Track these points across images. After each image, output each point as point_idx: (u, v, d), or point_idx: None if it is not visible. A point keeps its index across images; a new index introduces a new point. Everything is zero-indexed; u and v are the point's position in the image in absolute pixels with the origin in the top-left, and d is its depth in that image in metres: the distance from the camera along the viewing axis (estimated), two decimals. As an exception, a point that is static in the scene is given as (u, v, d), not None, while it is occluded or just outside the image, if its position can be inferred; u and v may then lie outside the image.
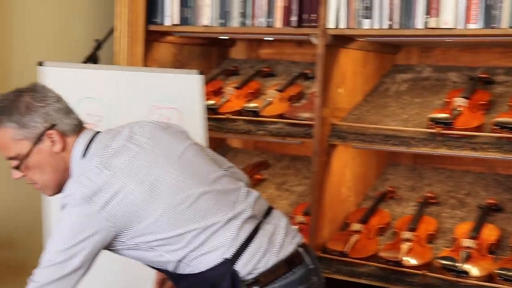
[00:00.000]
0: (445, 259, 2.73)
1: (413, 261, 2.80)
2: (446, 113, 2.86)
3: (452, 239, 2.89)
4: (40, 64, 2.67)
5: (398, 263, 2.80)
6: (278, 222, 2.01)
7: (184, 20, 3.33)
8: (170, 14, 3.36)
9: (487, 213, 2.98)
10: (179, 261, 1.89)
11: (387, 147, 2.96)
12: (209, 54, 3.78)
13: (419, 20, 2.79)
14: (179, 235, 1.86)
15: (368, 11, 2.90)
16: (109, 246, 1.87)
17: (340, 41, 3.04)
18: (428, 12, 2.78)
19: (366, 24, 2.90)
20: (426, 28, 2.78)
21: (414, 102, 3.14)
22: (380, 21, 2.88)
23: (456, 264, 2.69)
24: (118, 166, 1.85)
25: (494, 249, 2.79)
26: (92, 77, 2.77)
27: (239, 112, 3.29)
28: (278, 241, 1.95)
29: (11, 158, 1.92)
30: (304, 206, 3.22)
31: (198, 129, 2.90)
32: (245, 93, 3.41)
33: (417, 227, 2.95)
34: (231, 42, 3.83)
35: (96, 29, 3.47)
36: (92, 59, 3.10)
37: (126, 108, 2.78)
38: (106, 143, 1.92)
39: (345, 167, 3.20)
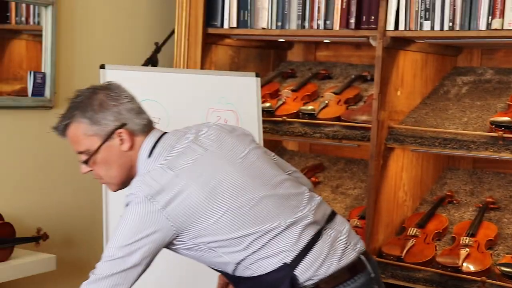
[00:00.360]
0: (506, 266, 2.68)
1: (472, 268, 2.75)
2: (508, 117, 2.82)
3: (513, 246, 2.85)
4: (102, 67, 2.70)
5: (456, 269, 2.77)
6: (340, 228, 1.99)
7: (242, 23, 3.35)
8: (229, 17, 3.37)
9: (550, 219, 2.92)
10: (238, 263, 1.89)
11: (447, 151, 2.93)
12: (266, 57, 3.80)
13: (482, 22, 2.75)
14: (239, 237, 1.86)
15: (428, 13, 2.87)
16: (169, 245, 1.89)
17: (399, 43, 3.02)
18: (492, 13, 2.73)
19: (426, 26, 2.88)
20: (490, 29, 2.74)
21: (475, 105, 3.10)
22: (441, 22, 2.85)
23: (517, 272, 2.64)
24: (182, 167, 1.88)
25: (557, 256, 2.73)
26: (151, 80, 2.80)
27: (295, 115, 3.29)
28: (340, 248, 1.93)
29: (80, 153, 1.97)
30: (360, 209, 3.21)
31: (254, 131, 2.90)
32: (301, 95, 3.41)
33: (477, 233, 2.91)
34: (289, 44, 3.83)
35: (156, 32, 3.52)
36: (151, 61, 3.15)
37: (184, 110, 2.80)
38: (171, 144, 1.94)
39: (402, 171, 3.18)
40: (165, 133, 2.01)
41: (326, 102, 3.29)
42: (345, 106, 3.26)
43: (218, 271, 2.02)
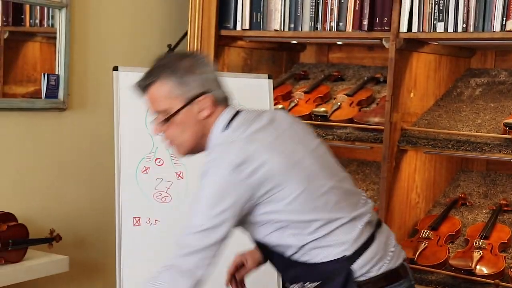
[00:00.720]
0: (520, 269, 2.67)
1: (485, 270, 2.74)
2: (522, 119, 2.82)
3: (528, 249, 2.83)
4: (115, 68, 2.71)
5: (470, 272, 2.76)
6: (388, 235, 2.04)
7: (255, 25, 3.35)
8: (241, 19, 3.38)
9: None
10: (301, 247, 1.92)
11: (460, 153, 2.92)
12: (279, 59, 3.80)
13: (497, 23, 2.74)
14: (308, 221, 1.89)
15: (442, 14, 2.87)
16: (243, 219, 1.90)
17: (412, 44, 3.02)
18: (506, 15, 2.72)
19: (440, 27, 2.87)
20: (504, 31, 2.73)
21: (489, 107, 3.09)
22: (454, 24, 2.85)
23: (532, 275, 2.62)
24: (264, 141, 1.90)
25: None
26: None
27: (308, 117, 3.29)
28: (390, 252, 1.99)
29: (158, 112, 1.97)
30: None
31: (267, 132, 2.90)
32: (314, 97, 3.41)
33: (490, 235, 2.90)
34: (301, 46, 3.83)
35: (169, 34, 3.54)
36: None
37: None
38: (250, 120, 1.96)
39: (415, 173, 3.17)
40: (240, 110, 2.01)
41: (339, 104, 3.29)
42: (357, 108, 3.26)
43: (273, 254, 2.01)
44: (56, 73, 3.07)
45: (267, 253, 2.05)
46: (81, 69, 3.20)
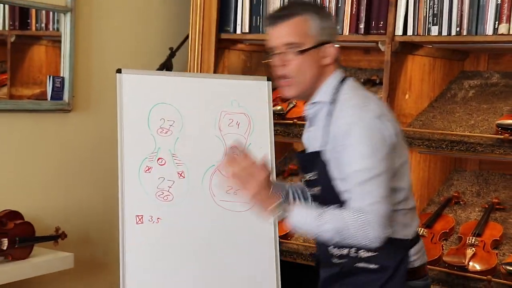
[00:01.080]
0: (511, 265, 2.67)
1: (477, 267, 2.75)
2: (513, 120, 2.83)
3: (519, 246, 2.84)
4: (118, 71, 2.72)
5: (463, 268, 2.76)
6: None
7: (254, 29, 3.36)
8: (241, 22, 3.39)
9: (555, 220, 2.91)
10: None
11: (454, 153, 2.92)
12: None
13: (489, 27, 2.75)
14: (402, 190, 1.99)
15: (436, 18, 2.87)
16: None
17: (407, 48, 3.03)
18: (498, 19, 2.73)
19: (434, 31, 2.88)
20: (496, 34, 2.74)
21: (482, 108, 3.09)
22: (448, 27, 2.85)
23: (523, 271, 2.64)
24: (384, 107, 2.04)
25: (562, 256, 2.73)
26: (166, 84, 2.80)
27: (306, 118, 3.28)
28: (423, 249, 2.12)
29: (288, 44, 1.99)
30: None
31: (265, 133, 2.92)
32: None
33: (483, 233, 2.91)
34: None
35: (171, 37, 3.54)
36: (166, 66, 3.17)
37: (198, 113, 2.82)
38: (365, 96, 2.03)
39: (410, 172, 3.14)
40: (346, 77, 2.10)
41: None
42: None
43: None
44: (61, 75, 3.08)
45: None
46: (86, 71, 3.21)
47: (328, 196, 2.04)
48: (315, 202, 2.11)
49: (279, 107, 3.32)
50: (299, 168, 2.26)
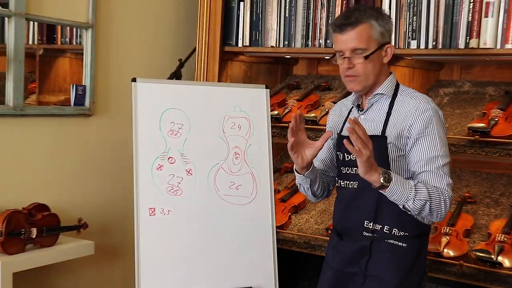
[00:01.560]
0: (481, 251, 2.68)
1: (451, 253, 2.75)
2: (483, 123, 2.81)
3: (487, 234, 2.83)
4: (134, 80, 2.71)
5: (438, 254, 2.76)
6: None
7: (254, 42, 3.35)
8: (242, 37, 3.38)
9: (520, 211, 2.92)
10: None
11: (430, 153, 2.92)
12: (275, 71, 3.79)
13: (461, 41, 2.76)
14: None
15: (415, 33, 2.88)
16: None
17: (390, 59, 3.00)
18: (469, 34, 2.74)
19: (413, 44, 2.88)
20: (467, 48, 2.75)
21: (455, 113, 3.09)
22: (426, 42, 2.85)
23: (491, 256, 2.64)
24: None
25: (525, 243, 2.73)
26: (175, 91, 2.79)
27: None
28: None
29: (355, 49, 2.05)
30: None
31: (264, 135, 2.91)
32: (305, 104, 3.39)
33: (456, 223, 2.90)
34: (294, 60, 3.82)
35: (180, 50, 3.54)
36: (176, 75, 3.15)
37: (204, 117, 2.81)
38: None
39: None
40: None
41: (327, 110, 3.25)
42: None
43: None
44: (83, 84, 3.08)
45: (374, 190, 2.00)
46: (105, 80, 3.22)
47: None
48: (351, 181, 2.13)
49: (276, 112, 3.31)
50: (341, 150, 2.20)
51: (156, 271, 2.66)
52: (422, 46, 2.86)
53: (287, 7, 3.24)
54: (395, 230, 2.05)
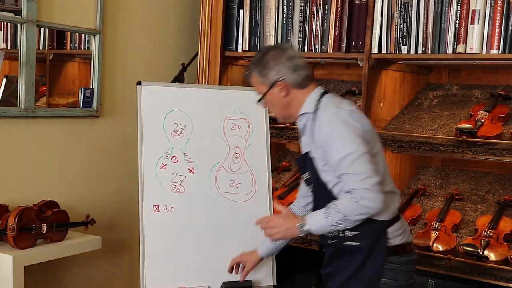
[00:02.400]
0: (468, 246, 2.69)
1: (440, 247, 2.77)
2: (470, 124, 2.83)
3: (474, 229, 2.84)
4: (139, 83, 2.72)
5: (428, 249, 2.78)
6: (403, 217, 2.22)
7: (253, 47, 3.36)
8: (242, 42, 3.39)
9: (504, 207, 2.92)
10: None
11: (420, 152, 2.92)
12: None
13: (449, 47, 2.77)
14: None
15: (405, 39, 2.88)
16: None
17: (382, 63, 3.03)
18: (456, 40, 2.75)
19: (404, 49, 2.89)
20: (455, 53, 2.76)
21: (444, 114, 3.10)
22: (415, 47, 2.86)
23: (477, 250, 2.65)
24: (358, 111, 2.12)
25: (509, 238, 2.74)
26: (178, 94, 2.80)
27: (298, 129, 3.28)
28: (408, 229, 2.16)
29: (258, 95, 2.22)
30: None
31: (262, 136, 2.92)
32: None
33: (444, 219, 2.91)
34: None
35: (183, 55, 3.53)
36: (179, 79, 3.15)
37: (205, 119, 2.82)
38: (340, 101, 2.16)
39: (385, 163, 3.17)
40: (326, 91, 2.21)
41: None
42: None
43: (326, 196, 2.12)
44: (91, 87, 3.08)
45: (324, 201, 2.08)
46: (111, 83, 3.21)
47: (318, 190, 2.14)
48: (313, 197, 2.20)
49: (273, 114, 3.32)
50: (299, 170, 2.35)
51: (160, 265, 2.66)
52: (412, 51, 2.87)
53: (285, 14, 3.24)
54: (347, 231, 2.07)
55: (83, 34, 3.09)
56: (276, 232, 2.13)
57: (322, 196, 2.11)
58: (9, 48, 2.86)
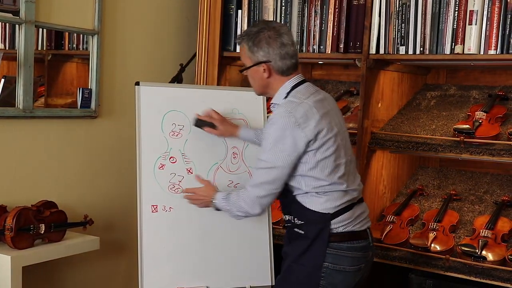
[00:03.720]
0: (466, 246, 2.71)
1: (438, 247, 2.77)
2: (468, 124, 2.84)
3: (472, 230, 2.85)
4: (137, 83, 2.71)
5: (426, 249, 2.79)
6: (364, 210, 2.28)
7: None
8: None
9: (502, 208, 2.93)
10: (306, 192, 2.16)
11: (418, 153, 2.94)
12: None
13: (447, 47, 2.77)
14: (322, 179, 2.14)
15: (403, 40, 2.89)
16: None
17: (379, 64, 3.03)
18: (454, 41, 2.76)
19: (402, 50, 2.89)
20: (453, 54, 2.76)
21: (441, 115, 3.11)
22: (413, 48, 2.86)
23: (475, 251, 2.66)
24: (322, 111, 2.17)
25: (507, 238, 2.75)
26: (177, 94, 2.78)
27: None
28: (358, 220, 2.20)
29: (242, 64, 2.31)
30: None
31: (261, 136, 2.93)
32: None
33: (442, 219, 2.92)
34: None
35: (181, 55, 3.53)
36: (177, 79, 3.12)
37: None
38: (312, 92, 2.22)
39: (382, 169, 3.19)
40: (306, 80, 2.30)
41: None
42: None
43: (285, 193, 2.25)
44: (89, 87, 3.07)
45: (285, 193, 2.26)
46: (109, 84, 3.21)
47: None
48: None
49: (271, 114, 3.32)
50: None
51: (159, 265, 2.66)
52: (410, 51, 2.87)
53: (283, 15, 3.24)
54: (296, 219, 2.22)
55: (81, 35, 3.08)
56: (198, 201, 2.44)
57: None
58: (7, 48, 2.86)
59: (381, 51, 2.95)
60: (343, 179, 2.20)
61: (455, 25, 2.75)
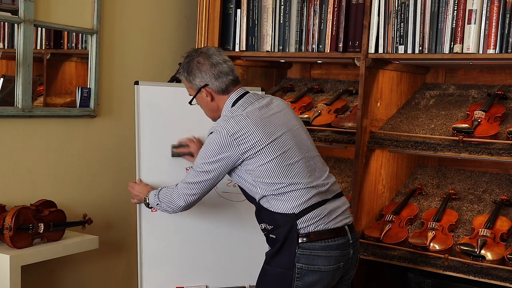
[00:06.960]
0: (465, 245, 2.71)
1: (437, 247, 2.78)
2: (467, 124, 2.84)
3: (471, 229, 2.85)
4: (136, 83, 2.71)
5: (425, 248, 2.79)
6: (340, 204, 2.25)
7: (250, 47, 3.36)
8: (239, 42, 3.39)
9: (501, 207, 2.93)
10: (264, 196, 2.17)
11: (417, 152, 2.93)
12: (270, 74, 3.79)
13: (446, 46, 2.77)
14: (273, 183, 2.16)
15: (402, 39, 2.89)
16: (232, 169, 2.24)
17: (379, 63, 3.03)
18: (453, 40, 2.76)
19: (401, 49, 2.89)
20: (452, 53, 2.76)
21: (440, 114, 3.11)
22: (412, 47, 2.86)
23: (474, 250, 2.66)
24: (257, 119, 2.19)
25: (506, 237, 2.75)
26: (175, 93, 2.78)
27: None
28: (332, 217, 2.18)
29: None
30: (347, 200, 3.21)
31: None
32: (299, 106, 3.41)
33: (441, 218, 2.92)
34: (288, 64, 3.81)
35: (180, 54, 3.46)
36: (176, 79, 3.14)
37: (202, 118, 2.81)
38: (251, 102, 2.26)
39: (381, 168, 3.18)
40: (247, 92, 2.33)
41: (319, 111, 3.29)
42: (334, 115, 3.26)
43: (249, 197, 2.30)
44: (88, 86, 3.07)
45: (249, 197, 2.33)
46: (108, 83, 3.21)
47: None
48: None
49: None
50: None
51: (158, 265, 2.67)
52: (409, 51, 2.87)
53: (282, 14, 3.25)
54: (267, 225, 2.25)
55: (80, 34, 3.08)
56: (135, 197, 2.58)
57: (245, 194, 2.33)
58: (6, 47, 2.85)
59: (380, 50, 2.95)
60: (302, 177, 2.18)
61: (454, 24, 2.75)
